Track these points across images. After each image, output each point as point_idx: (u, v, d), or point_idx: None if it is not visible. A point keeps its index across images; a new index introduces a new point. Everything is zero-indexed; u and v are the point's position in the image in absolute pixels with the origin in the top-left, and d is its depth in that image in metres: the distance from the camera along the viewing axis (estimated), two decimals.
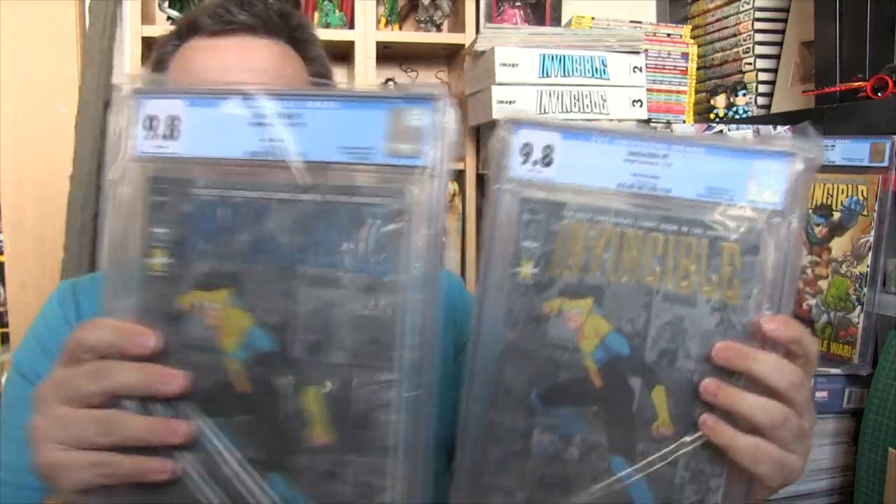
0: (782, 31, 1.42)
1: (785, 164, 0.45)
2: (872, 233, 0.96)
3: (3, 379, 0.70)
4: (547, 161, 0.47)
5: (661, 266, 0.46)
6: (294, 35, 0.73)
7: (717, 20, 1.52)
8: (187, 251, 0.43)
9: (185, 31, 0.71)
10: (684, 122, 1.45)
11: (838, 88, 1.12)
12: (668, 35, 1.48)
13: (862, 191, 0.97)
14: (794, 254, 0.45)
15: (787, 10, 1.41)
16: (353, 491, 0.42)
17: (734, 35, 1.47)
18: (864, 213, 0.97)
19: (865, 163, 0.97)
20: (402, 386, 0.42)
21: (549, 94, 1.24)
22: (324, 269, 0.42)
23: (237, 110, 0.44)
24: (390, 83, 1.74)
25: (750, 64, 1.43)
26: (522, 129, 0.48)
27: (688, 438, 0.45)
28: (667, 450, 0.45)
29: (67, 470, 0.43)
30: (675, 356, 0.45)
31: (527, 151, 0.47)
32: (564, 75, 1.24)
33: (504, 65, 1.24)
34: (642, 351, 0.46)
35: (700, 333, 0.45)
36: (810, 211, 1.01)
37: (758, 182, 0.45)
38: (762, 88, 1.42)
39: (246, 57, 0.68)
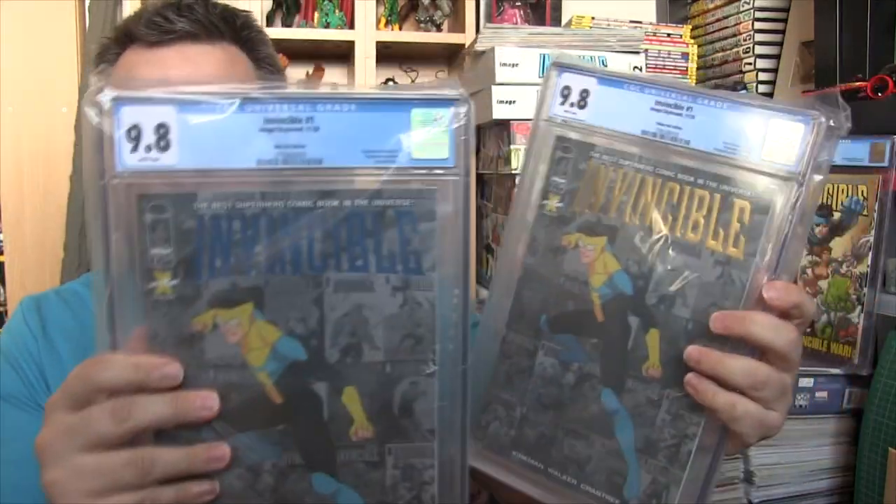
0: (782, 31, 1.42)
1: (805, 127, 0.45)
2: (872, 233, 0.96)
3: None
4: (582, 104, 0.50)
5: (673, 214, 0.47)
6: (240, 36, 0.71)
7: (717, 20, 1.52)
8: (197, 269, 0.41)
9: (124, 40, 0.69)
10: None
11: (838, 88, 1.12)
12: (668, 35, 1.48)
13: (862, 191, 0.97)
14: (804, 217, 0.45)
15: (787, 10, 1.41)
16: (398, 474, 0.43)
17: (734, 35, 1.47)
18: (864, 213, 0.97)
19: (865, 163, 0.97)
20: (441, 376, 0.43)
21: None
22: (353, 273, 0.42)
23: (239, 116, 0.41)
24: (390, 83, 1.74)
25: (750, 64, 1.43)
26: (565, 73, 0.51)
27: (675, 392, 0.47)
28: (653, 392, 0.47)
29: None
30: (674, 303, 0.47)
31: (566, 93, 0.50)
32: None
33: (504, 65, 1.24)
34: (644, 293, 0.47)
35: (700, 284, 0.46)
36: None
37: (775, 142, 0.46)
38: (762, 88, 1.42)
39: (187, 67, 0.66)
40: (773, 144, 0.46)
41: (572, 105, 0.50)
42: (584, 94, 0.50)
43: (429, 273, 0.42)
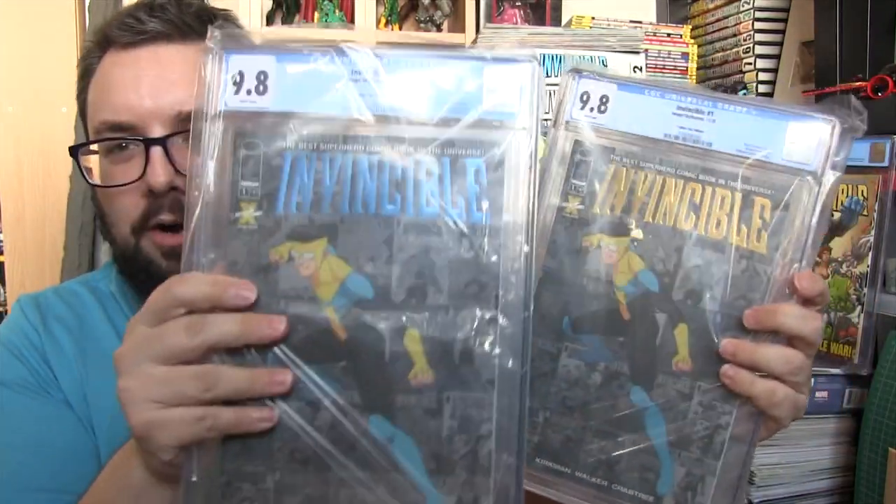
0: (782, 31, 1.42)
1: (821, 128, 0.48)
2: (872, 233, 0.96)
3: None
4: (602, 109, 0.52)
5: (696, 213, 0.49)
6: None
7: (717, 20, 1.52)
8: (279, 204, 0.44)
9: (103, 44, 0.69)
10: None
11: (838, 88, 1.12)
12: (668, 35, 1.48)
13: (862, 191, 0.97)
14: (823, 212, 0.48)
15: (787, 10, 1.41)
16: (455, 425, 0.44)
17: (734, 35, 1.46)
18: (864, 213, 0.97)
19: (865, 163, 0.97)
20: (502, 323, 0.44)
21: (550, 94, 1.24)
22: (421, 217, 0.44)
23: (330, 66, 0.45)
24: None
25: (750, 64, 1.43)
26: (583, 79, 0.53)
27: (706, 384, 0.48)
28: (684, 385, 0.49)
29: (168, 427, 0.42)
30: (701, 297, 0.49)
31: (585, 98, 0.52)
32: None
33: None
34: (670, 289, 0.49)
35: (726, 278, 0.48)
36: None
37: (794, 143, 0.48)
38: (762, 88, 1.42)
39: (159, 68, 0.66)
40: (791, 146, 0.48)
41: (592, 110, 0.52)
42: (604, 99, 0.52)
43: (495, 221, 0.44)
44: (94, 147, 0.69)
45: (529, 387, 0.50)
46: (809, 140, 0.48)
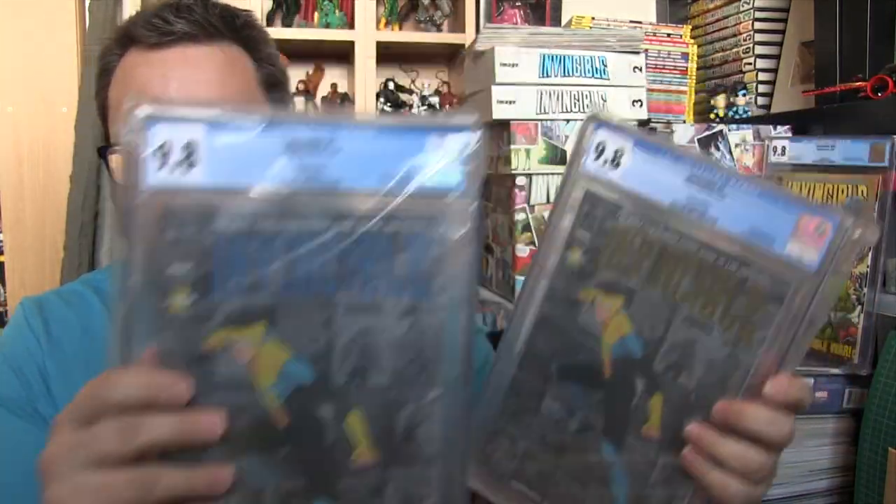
0: (782, 31, 1.42)
1: (833, 229, 0.45)
2: None
3: None
4: (616, 163, 0.50)
5: (690, 288, 0.48)
6: (241, 35, 0.70)
7: (717, 20, 1.52)
8: (213, 287, 0.41)
9: (125, 42, 0.69)
10: (684, 122, 1.45)
11: (838, 88, 1.12)
12: (668, 35, 1.48)
13: (862, 191, 0.97)
14: (817, 315, 0.46)
15: (787, 10, 1.41)
16: (398, 502, 0.43)
17: (734, 35, 1.47)
18: None
19: (865, 163, 0.97)
20: (445, 400, 0.43)
21: (550, 94, 1.24)
22: (362, 296, 0.42)
23: (264, 137, 0.41)
24: (390, 83, 1.74)
25: (750, 64, 1.43)
26: (601, 129, 0.51)
27: (669, 458, 0.48)
28: (649, 452, 0.49)
29: None
30: (680, 372, 0.48)
31: (600, 149, 0.51)
32: (564, 75, 1.24)
33: (504, 65, 1.24)
34: (653, 358, 0.49)
35: (707, 360, 0.47)
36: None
37: (800, 237, 0.46)
38: (762, 88, 1.42)
39: (187, 69, 0.66)
40: (798, 240, 0.46)
41: (605, 163, 0.51)
42: (619, 153, 0.50)
43: (437, 297, 0.43)
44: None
45: (515, 416, 0.52)
46: (817, 238, 0.46)
